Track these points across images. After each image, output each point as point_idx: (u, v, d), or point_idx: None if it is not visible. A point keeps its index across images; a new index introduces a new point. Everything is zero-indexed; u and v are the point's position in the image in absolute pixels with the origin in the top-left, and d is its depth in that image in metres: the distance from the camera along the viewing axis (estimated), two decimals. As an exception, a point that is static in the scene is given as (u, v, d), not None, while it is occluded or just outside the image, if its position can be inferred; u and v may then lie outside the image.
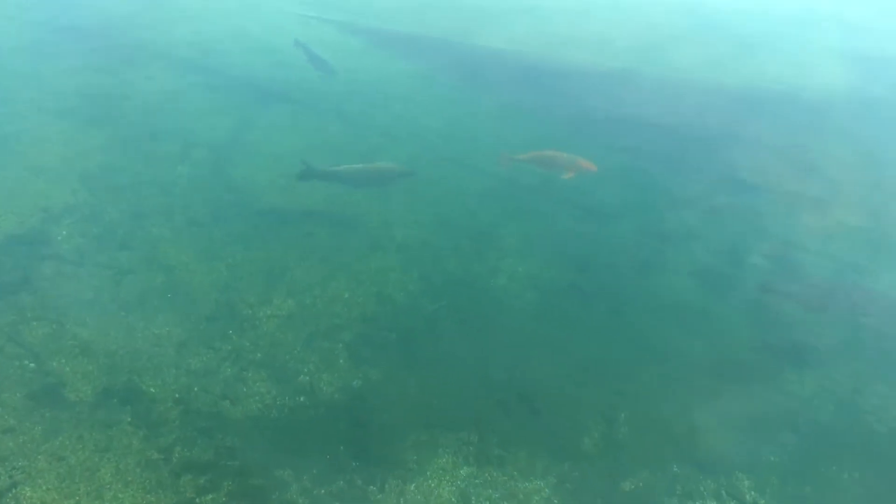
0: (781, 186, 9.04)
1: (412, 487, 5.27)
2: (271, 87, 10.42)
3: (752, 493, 5.41)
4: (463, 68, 11.67)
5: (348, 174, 8.00)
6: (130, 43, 11.40)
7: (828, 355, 6.62)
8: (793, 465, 5.64)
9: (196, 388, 5.79)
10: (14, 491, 4.93)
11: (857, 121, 10.71)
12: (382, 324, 6.55)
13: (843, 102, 11.19)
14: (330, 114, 9.85)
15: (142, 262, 6.93)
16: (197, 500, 5.02)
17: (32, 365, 5.81)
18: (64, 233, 7.17)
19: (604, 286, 7.22)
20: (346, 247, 7.42)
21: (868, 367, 6.52)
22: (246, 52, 11.50)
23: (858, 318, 7.09)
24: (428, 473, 5.37)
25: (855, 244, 8.10)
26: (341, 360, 6.15)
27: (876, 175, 9.46)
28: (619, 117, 10.40)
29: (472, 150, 9.21)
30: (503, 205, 8.29)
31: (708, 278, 7.41)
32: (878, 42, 12.87)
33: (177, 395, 5.70)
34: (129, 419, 5.49)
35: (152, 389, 5.73)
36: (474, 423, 5.74)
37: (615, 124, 10.23)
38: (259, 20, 12.86)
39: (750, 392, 6.25)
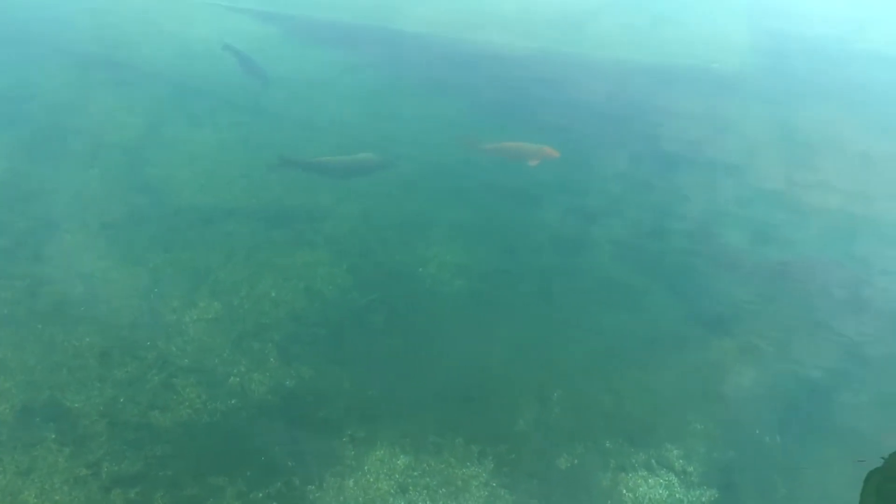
0: (700, 155, 9.26)
1: (351, 483, 5.27)
2: (185, 81, 10.11)
3: (681, 461, 5.60)
4: (383, 54, 11.55)
5: (328, 165, 7.95)
6: (28, 38, 10.88)
7: (750, 321, 6.87)
8: (718, 431, 5.86)
9: (122, 400, 5.63)
10: (-68, 522, 4.73)
11: (768, 90, 11.05)
12: (312, 320, 6.49)
13: (754, 73, 11.52)
14: (248, 107, 9.63)
15: (57, 272, 6.68)
16: (129, 514, 4.91)
17: (-56, 387, 5.55)
18: (-30, 246, 6.85)
19: (531, 268, 7.32)
20: (271, 243, 7.31)
21: (788, 332, 6.79)
22: (156, 46, 11.12)
23: (779, 281, 7.36)
24: (366, 468, 5.38)
25: (772, 208, 8.37)
26: (272, 360, 6.07)
27: (788, 141, 9.79)
28: (540, 96, 10.48)
29: (396, 138, 9.15)
30: (429, 192, 8.29)
31: (631, 253, 7.58)
32: (784, 14, 13.30)
33: (102, 409, 5.54)
34: (53, 436, 5.31)
35: (76, 404, 5.55)
36: (409, 413, 5.77)
37: (537, 103, 10.31)
38: (169, 11, 12.42)
39: (676, 362, 6.45)
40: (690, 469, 5.57)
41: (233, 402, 5.70)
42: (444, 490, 5.30)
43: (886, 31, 12.53)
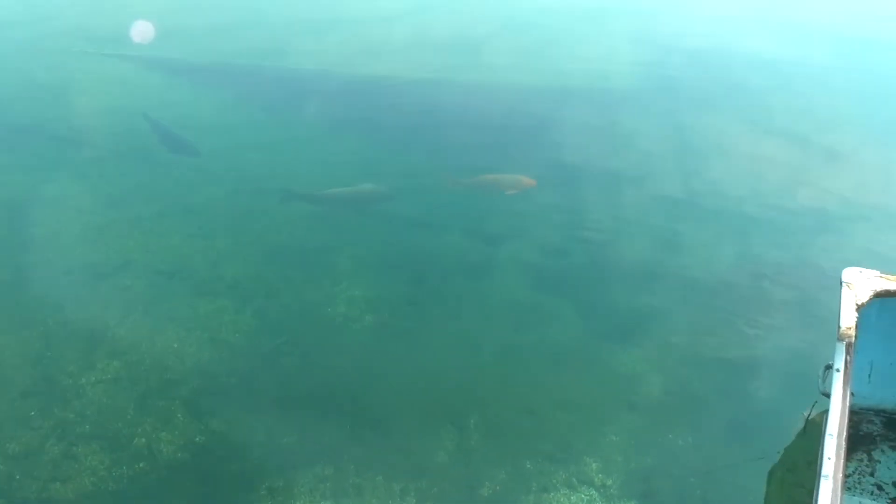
0: (598, 167, 9.51)
1: (272, 536, 5.10)
2: (67, 134, 9.73)
3: (600, 475, 5.69)
4: (275, 93, 11.46)
5: (332, 197, 8.07)
6: None
7: (655, 329, 7.06)
8: (633, 440, 5.99)
9: (18, 475, 5.29)
10: None
11: (659, 101, 11.51)
12: (220, 370, 6.29)
13: (643, 88, 11.98)
14: (135, 157, 9.33)
15: (-63, 345, 6.26)
16: None
17: None
18: None
19: (439, 296, 7.34)
20: (171, 295, 7.07)
21: (693, 336, 7.02)
22: (33, 99, 10.67)
23: (681, 286, 7.61)
24: (286, 518, 5.22)
25: (671, 215, 8.68)
26: (180, 416, 5.84)
27: (681, 149, 10.16)
28: (436, 123, 10.59)
29: (294, 176, 9.05)
30: (332, 228, 8.22)
31: (537, 272, 7.70)
32: (666, 33, 13.93)
33: (-4, 487, 5.19)
34: (-58, 524, 4.93)
35: (-34, 486, 5.17)
36: (328, 456, 5.64)
37: (434, 131, 10.41)
38: (45, 62, 11.94)
39: (588, 376, 6.57)
40: (609, 482, 5.66)
41: (140, 465, 5.44)
42: (368, 531, 5.21)
43: (760, 39, 13.32)
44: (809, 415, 5.64)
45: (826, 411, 4.40)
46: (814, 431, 5.47)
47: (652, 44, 13.25)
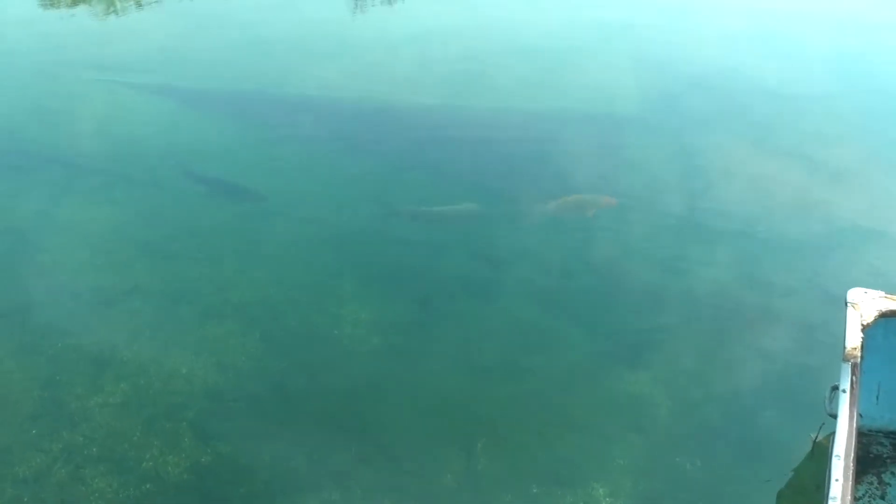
0: (606, 191, 9.51)
1: (278, 560, 5.09)
2: (78, 161, 9.82)
3: (608, 499, 5.66)
4: (283, 119, 11.55)
5: (436, 214, 8.57)
6: None
7: (663, 351, 7.06)
8: (641, 463, 5.96)
9: (26, 499, 5.30)
10: None
11: (663, 127, 11.52)
12: (227, 394, 6.31)
13: (647, 113, 12.00)
14: (146, 182, 9.41)
15: (-54, 369, 6.30)
16: None
17: None
18: None
19: (446, 318, 7.36)
20: (178, 319, 7.11)
21: (701, 358, 7.00)
22: (46, 126, 10.80)
23: (688, 308, 7.59)
24: (293, 542, 5.22)
25: (678, 239, 8.68)
26: (186, 439, 5.85)
27: (686, 172, 10.14)
28: (451, 149, 10.60)
29: (299, 201, 9.11)
30: (337, 251, 8.26)
31: (543, 294, 7.72)
32: (666, 60, 14.02)
33: (3, 511, 5.20)
34: (-51, 548, 4.94)
35: (-27, 509, 5.19)
36: (335, 480, 5.63)
37: (441, 156, 10.45)
38: (56, 90, 12.09)
39: (593, 399, 6.57)
40: (617, 505, 5.64)
41: (147, 486, 5.45)
42: (375, 555, 5.19)
43: (763, 59, 13.39)
44: (817, 437, 5.61)
45: (833, 433, 4.39)
46: (821, 454, 5.45)
47: (655, 66, 13.32)
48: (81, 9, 15.98)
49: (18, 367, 6.41)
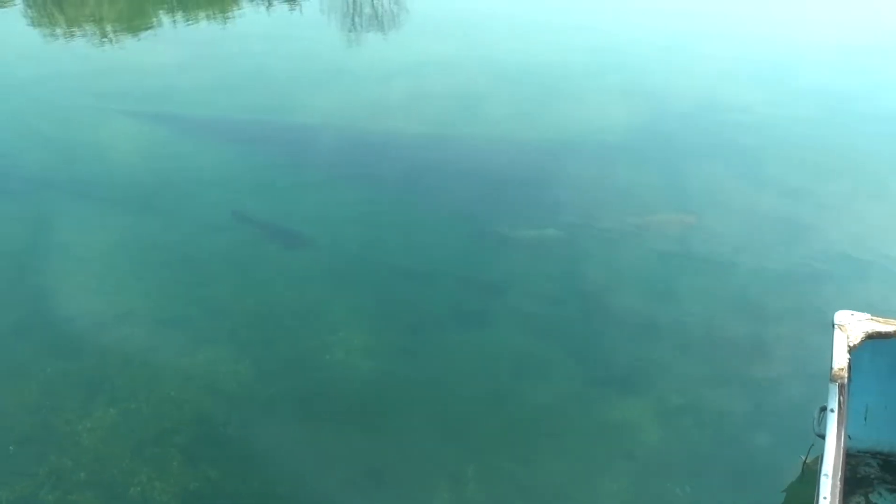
0: (597, 222, 9.57)
1: (265, 585, 5.04)
2: (73, 186, 9.90)
3: (598, 523, 5.64)
4: (279, 146, 11.64)
5: (522, 239, 8.98)
6: None
7: (652, 378, 7.06)
8: (631, 489, 5.94)
9: (12, 524, 5.27)
10: None
11: (656, 152, 11.63)
12: (217, 419, 6.29)
13: (638, 143, 12.12)
14: (140, 208, 9.47)
15: (-65, 393, 6.28)
16: None
17: None
18: None
19: (435, 345, 7.36)
20: (169, 344, 7.10)
21: (688, 386, 7.00)
22: (40, 152, 10.88)
23: (678, 337, 7.59)
24: (280, 567, 5.17)
25: (670, 268, 8.72)
26: (175, 464, 5.82)
27: (675, 201, 10.23)
28: (438, 177, 10.69)
29: (297, 227, 9.15)
30: (327, 278, 8.28)
31: (533, 321, 7.73)
32: (654, 92, 14.20)
33: (-12, 536, 5.16)
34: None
35: (-42, 534, 5.15)
36: (323, 505, 5.61)
37: (437, 183, 10.51)
38: (51, 117, 12.20)
39: (583, 426, 6.55)
40: (608, 530, 5.61)
41: (135, 513, 5.41)
42: (363, 581, 5.14)
43: (751, 90, 13.57)
44: (806, 458, 5.61)
45: (822, 454, 4.40)
46: (811, 476, 5.43)
47: (646, 98, 13.49)
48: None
49: (7, 391, 6.40)
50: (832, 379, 4.61)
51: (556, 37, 16.62)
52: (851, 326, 4.98)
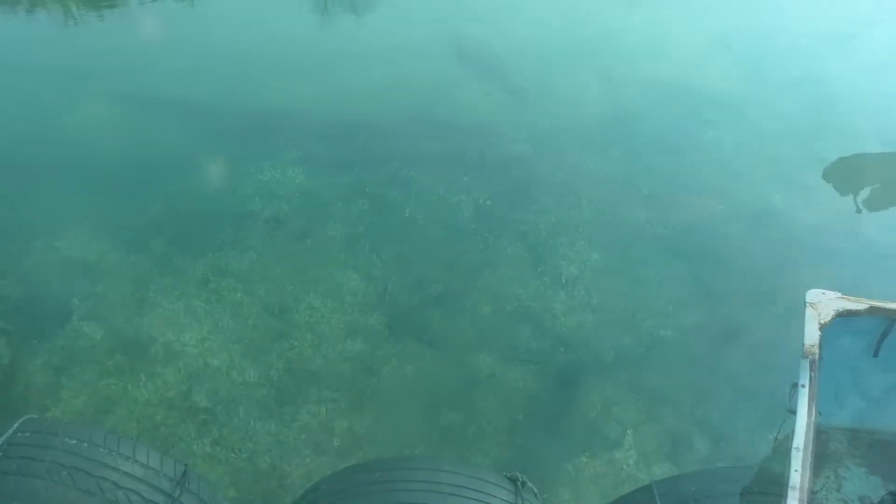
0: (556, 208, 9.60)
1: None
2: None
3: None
4: (253, 131, 11.41)
5: None
6: None
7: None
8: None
9: None
10: None
11: (621, 144, 11.65)
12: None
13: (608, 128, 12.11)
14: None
15: None
16: None
17: None
18: None
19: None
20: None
21: (663, 376, 7.07)
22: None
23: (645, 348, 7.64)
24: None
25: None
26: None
27: (648, 188, 10.29)
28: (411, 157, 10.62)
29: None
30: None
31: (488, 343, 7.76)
32: (640, 64, 14.11)
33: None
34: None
35: None
36: None
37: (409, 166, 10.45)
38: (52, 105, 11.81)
39: (567, 450, 6.62)
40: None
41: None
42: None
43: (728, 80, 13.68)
44: (777, 435, 5.70)
45: (793, 429, 4.46)
46: (783, 454, 5.52)
47: (621, 84, 13.45)
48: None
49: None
50: (804, 355, 4.69)
51: (535, 17, 16.38)
52: (822, 305, 5.05)
